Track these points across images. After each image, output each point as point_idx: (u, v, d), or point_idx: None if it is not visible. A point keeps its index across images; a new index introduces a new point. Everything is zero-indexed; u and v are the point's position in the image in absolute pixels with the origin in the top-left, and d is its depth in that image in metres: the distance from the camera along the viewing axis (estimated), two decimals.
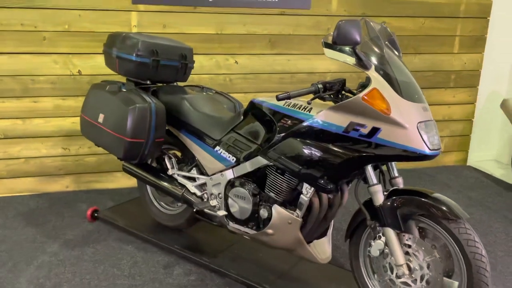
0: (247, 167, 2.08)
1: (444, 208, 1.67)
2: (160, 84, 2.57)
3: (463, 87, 3.92)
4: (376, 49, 1.75)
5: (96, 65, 3.07)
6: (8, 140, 3.08)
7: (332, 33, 1.71)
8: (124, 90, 2.32)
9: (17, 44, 2.94)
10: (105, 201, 3.11)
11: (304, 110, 1.89)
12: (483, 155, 4.17)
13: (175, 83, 2.64)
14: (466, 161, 4.13)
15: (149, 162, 2.60)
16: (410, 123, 1.66)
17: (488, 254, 2.53)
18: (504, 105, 3.65)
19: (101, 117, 2.31)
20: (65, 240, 2.59)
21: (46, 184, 3.23)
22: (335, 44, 1.67)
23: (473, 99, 3.99)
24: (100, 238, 2.61)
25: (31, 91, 3.03)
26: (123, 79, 2.51)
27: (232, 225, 2.19)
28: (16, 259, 2.39)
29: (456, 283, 1.71)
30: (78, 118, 3.12)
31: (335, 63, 3.48)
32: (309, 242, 2.02)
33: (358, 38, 1.63)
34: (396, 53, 1.84)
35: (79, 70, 3.08)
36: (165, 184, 2.39)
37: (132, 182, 3.38)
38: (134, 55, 2.34)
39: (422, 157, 1.68)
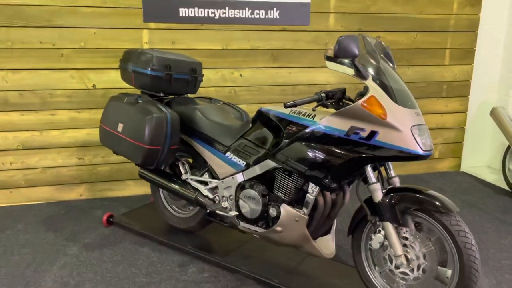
0: (257, 170, 2.27)
1: (437, 203, 1.86)
2: (171, 96, 2.77)
3: (455, 96, 4.14)
4: (372, 61, 1.95)
5: (110, 80, 3.27)
6: (27, 151, 3.26)
7: (332, 47, 1.92)
8: (141, 101, 2.51)
9: (36, 61, 3.14)
10: (118, 208, 3.27)
11: (308, 117, 2.09)
12: (476, 161, 4.37)
13: (185, 95, 2.84)
14: (460, 167, 4.32)
15: (162, 168, 2.77)
16: (405, 127, 1.86)
17: (481, 251, 2.72)
18: (493, 113, 3.86)
19: (120, 127, 2.50)
20: (84, 243, 2.75)
21: (62, 192, 3.40)
22: (336, 57, 1.88)
23: (465, 108, 4.20)
24: (117, 241, 2.78)
25: (49, 105, 3.22)
26: (135, 91, 2.71)
27: (243, 225, 2.37)
28: (39, 261, 2.54)
29: (450, 271, 1.89)
30: (92, 130, 3.33)
31: (333, 75, 3.69)
32: (314, 238, 2.20)
33: (356, 51, 1.84)
34: (391, 64, 2.04)
35: (93, 84, 3.27)
36: (180, 188, 2.56)
37: (142, 190, 3.56)
38: (149, 69, 2.54)
39: (416, 157, 1.88)
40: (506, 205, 3.49)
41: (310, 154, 2.03)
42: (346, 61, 1.92)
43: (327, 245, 2.25)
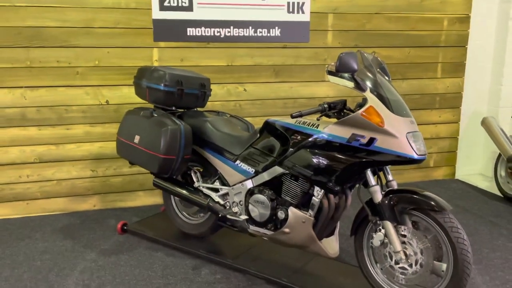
0: (265, 176, 2.45)
1: (432, 202, 2.05)
2: (182, 110, 2.95)
3: (447, 107, 4.35)
4: (370, 75, 2.15)
5: (122, 95, 3.47)
6: (43, 164, 3.43)
7: (333, 63, 2.13)
8: (156, 114, 2.70)
9: (53, 79, 3.34)
10: (130, 217, 3.43)
11: (312, 126, 2.28)
12: (469, 169, 4.57)
13: (195, 109, 3.03)
14: (454, 175, 4.52)
15: (175, 177, 2.95)
16: (400, 133, 2.05)
17: (475, 251, 2.90)
18: (484, 122, 4.07)
19: (136, 138, 2.68)
20: (100, 249, 2.91)
21: (76, 203, 3.56)
22: (337, 72, 2.09)
23: (457, 119, 4.42)
24: (132, 247, 2.94)
25: (65, 120, 3.41)
26: (147, 105, 2.89)
27: (252, 228, 2.54)
28: (60, 266, 2.70)
29: (445, 265, 2.06)
30: (106, 143, 3.52)
31: (332, 88, 3.91)
32: (320, 239, 2.37)
33: (356, 66, 2.05)
34: (386, 78, 2.24)
35: (107, 100, 3.47)
36: (192, 195, 2.74)
37: (152, 200, 3.73)
38: (162, 85, 2.74)
39: (411, 161, 2.07)
40: (499, 209, 3.68)
41: (315, 160, 2.22)
42: (346, 75, 2.12)
43: (331, 245, 2.42)
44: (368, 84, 2.12)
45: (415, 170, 4.36)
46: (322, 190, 2.24)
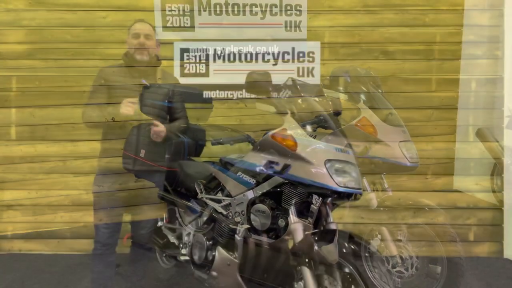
0: (266, 186, 2.55)
1: (425, 208, 2.15)
2: (185, 125, 3.07)
3: (443, 120, 4.46)
4: (363, 88, 2.28)
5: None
6: (51, 180, 3.54)
7: (328, 77, 2.26)
8: None
9: (61, 98, 3.47)
10: (136, 230, 3.50)
11: (309, 137, 2.39)
12: (466, 178, 4.64)
13: (197, 123, 3.15)
14: (452, 185, 4.60)
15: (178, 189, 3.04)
16: (393, 142, 2.16)
17: (471, 258, 2.97)
18: (478, 134, 4.17)
19: (142, 152, 2.80)
20: (107, 261, 2.99)
21: (82, 217, 3.65)
22: (331, 85, 2.21)
23: (453, 130, 4.52)
24: (137, 259, 3.02)
25: (72, 136, 3.53)
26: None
27: (254, 237, 2.62)
28: (68, 278, 2.79)
29: (439, 268, 2.15)
30: (111, 159, 3.60)
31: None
32: (319, 246, 2.45)
33: (348, 80, 2.18)
34: (380, 90, 2.37)
35: (112, 117, 3.58)
36: (196, 206, 2.83)
37: (156, 214, 3.80)
38: (166, 101, 2.87)
39: (404, 168, 2.18)
40: (495, 216, 3.76)
41: (313, 169, 2.32)
42: (341, 88, 2.25)
43: (331, 252, 2.49)
44: (361, 96, 2.24)
45: (412, 181, 4.44)
46: (320, 198, 2.33)
